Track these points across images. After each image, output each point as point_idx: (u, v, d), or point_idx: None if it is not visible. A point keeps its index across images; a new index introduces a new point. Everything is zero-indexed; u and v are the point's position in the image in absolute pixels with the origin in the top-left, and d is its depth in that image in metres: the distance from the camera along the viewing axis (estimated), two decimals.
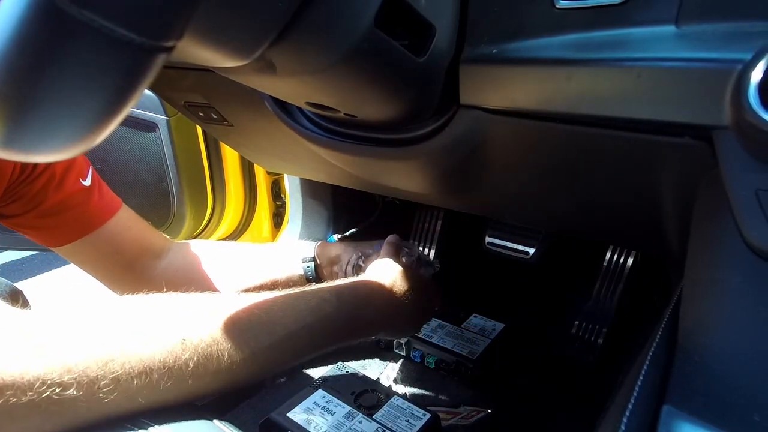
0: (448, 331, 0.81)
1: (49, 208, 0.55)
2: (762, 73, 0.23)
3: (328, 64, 0.32)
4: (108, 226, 0.61)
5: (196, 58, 0.31)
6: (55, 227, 0.58)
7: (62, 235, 0.59)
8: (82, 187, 0.58)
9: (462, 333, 0.80)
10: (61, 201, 0.56)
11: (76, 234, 0.59)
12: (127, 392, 0.31)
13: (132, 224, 0.64)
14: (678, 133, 0.30)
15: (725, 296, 0.26)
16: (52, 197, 0.55)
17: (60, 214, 0.57)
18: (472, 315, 0.85)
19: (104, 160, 0.87)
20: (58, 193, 0.56)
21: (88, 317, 0.33)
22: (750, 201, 0.25)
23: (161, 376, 0.32)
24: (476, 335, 0.80)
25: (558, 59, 0.32)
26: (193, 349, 0.34)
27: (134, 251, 0.64)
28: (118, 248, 0.62)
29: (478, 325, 0.83)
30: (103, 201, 0.61)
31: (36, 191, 0.54)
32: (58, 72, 0.17)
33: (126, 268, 0.64)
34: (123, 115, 0.20)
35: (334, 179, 0.73)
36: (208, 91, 0.60)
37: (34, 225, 0.57)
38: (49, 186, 0.55)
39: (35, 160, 0.21)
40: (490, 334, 0.80)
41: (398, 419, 0.63)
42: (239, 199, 1.04)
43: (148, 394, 0.32)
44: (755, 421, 0.22)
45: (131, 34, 0.16)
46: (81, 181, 0.58)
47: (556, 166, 0.41)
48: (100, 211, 0.60)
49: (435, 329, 0.81)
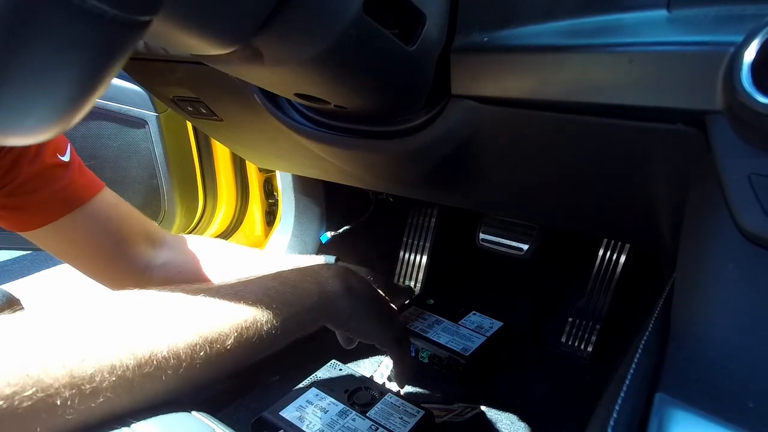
0: (444, 327, 0.81)
1: (23, 183, 0.50)
2: (755, 53, 0.23)
3: (316, 52, 0.32)
4: (93, 203, 0.55)
5: (180, 44, 0.30)
6: (32, 206, 0.51)
7: (40, 215, 0.52)
8: (60, 162, 0.52)
9: (458, 330, 0.80)
10: (37, 175, 0.50)
11: (55, 213, 0.52)
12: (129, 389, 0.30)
13: (120, 204, 0.59)
14: (670, 119, 0.30)
15: (718, 283, 0.25)
16: (26, 171, 0.50)
17: (37, 191, 0.51)
18: (471, 312, 0.85)
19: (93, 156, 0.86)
20: (33, 167, 0.50)
21: (88, 316, 0.32)
22: (743, 186, 0.25)
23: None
24: (472, 332, 0.80)
25: (549, 46, 0.32)
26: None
27: (124, 234, 0.58)
28: (106, 229, 0.56)
29: (476, 323, 0.82)
30: (85, 178, 0.55)
31: (8, 166, 0.49)
32: (27, 47, 0.16)
33: (114, 252, 0.58)
34: (98, 94, 0.19)
35: (325, 175, 0.72)
36: (196, 85, 0.59)
37: (6, 205, 0.51)
38: (21, 160, 0.49)
39: (7, 143, 0.20)
40: (487, 332, 0.80)
41: (392, 417, 0.62)
42: (231, 196, 1.04)
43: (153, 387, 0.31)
44: (749, 408, 0.21)
45: (103, 5, 0.16)
46: (59, 156, 0.52)
47: (548, 156, 0.41)
48: (82, 188, 0.54)
49: (432, 324, 0.81)
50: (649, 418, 0.21)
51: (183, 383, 0.34)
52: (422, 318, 0.82)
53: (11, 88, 0.17)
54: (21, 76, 0.17)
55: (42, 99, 0.18)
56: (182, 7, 0.23)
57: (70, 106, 0.19)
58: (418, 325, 0.80)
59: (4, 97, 0.18)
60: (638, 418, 0.22)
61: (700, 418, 0.21)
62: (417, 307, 0.85)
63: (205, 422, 0.33)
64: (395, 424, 0.61)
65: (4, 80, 0.17)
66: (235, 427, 0.35)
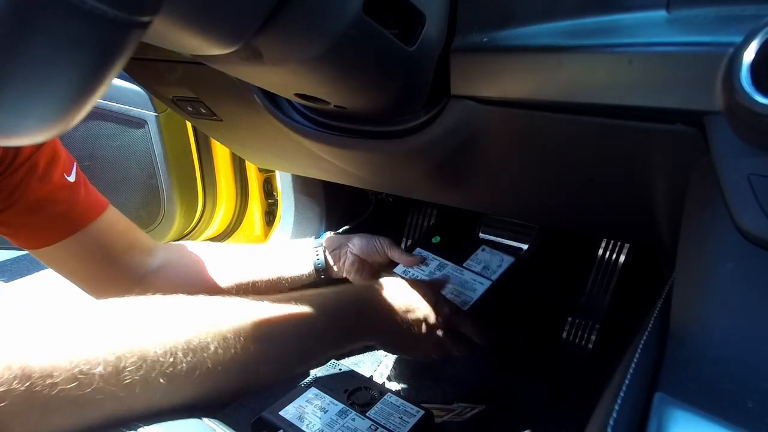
0: (447, 273, 0.72)
1: (32, 203, 0.52)
2: (754, 53, 0.23)
3: (316, 52, 0.32)
4: (97, 223, 0.57)
5: (180, 44, 0.30)
6: (39, 226, 0.54)
7: (47, 235, 0.55)
8: (67, 183, 0.55)
9: (462, 274, 0.71)
10: (46, 196, 0.53)
11: (62, 233, 0.55)
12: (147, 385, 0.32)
13: (120, 220, 0.61)
14: (670, 119, 0.30)
15: (717, 282, 0.25)
16: (35, 191, 0.52)
17: (44, 210, 0.53)
18: (480, 248, 0.74)
19: (93, 156, 0.86)
20: (42, 187, 0.52)
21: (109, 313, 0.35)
22: (742, 186, 0.25)
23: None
24: (477, 276, 0.70)
25: (549, 46, 0.32)
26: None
27: (122, 247, 0.60)
28: (106, 246, 0.59)
29: (483, 262, 0.72)
30: (90, 199, 0.58)
31: (16, 183, 0.50)
32: (27, 46, 0.16)
33: (113, 267, 0.60)
34: (99, 95, 0.19)
35: (325, 175, 0.72)
36: (196, 84, 0.59)
37: (16, 223, 0.53)
38: (30, 178, 0.51)
39: (7, 143, 0.20)
40: (493, 274, 0.70)
41: (392, 416, 0.62)
42: (230, 196, 1.04)
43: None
44: (748, 407, 0.21)
45: (103, 6, 0.16)
46: (66, 176, 0.55)
47: (548, 156, 0.41)
48: (88, 209, 0.57)
49: (433, 272, 0.73)
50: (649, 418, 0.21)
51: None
52: (423, 266, 0.73)
53: (12, 88, 0.17)
54: (22, 77, 0.17)
55: (43, 99, 0.18)
56: (182, 7, 0.23)
57: (71, 106, 0.19)
58: (417, 274, 0.72)
59: (5, 97, 0.18)
60: (638, 418, 0.22)
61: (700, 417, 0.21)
62: (421, 248, 0.76)
63: (208, 424, 0.33)
64: (395, 423, 0.61)
65: (5, 80, 0.17)
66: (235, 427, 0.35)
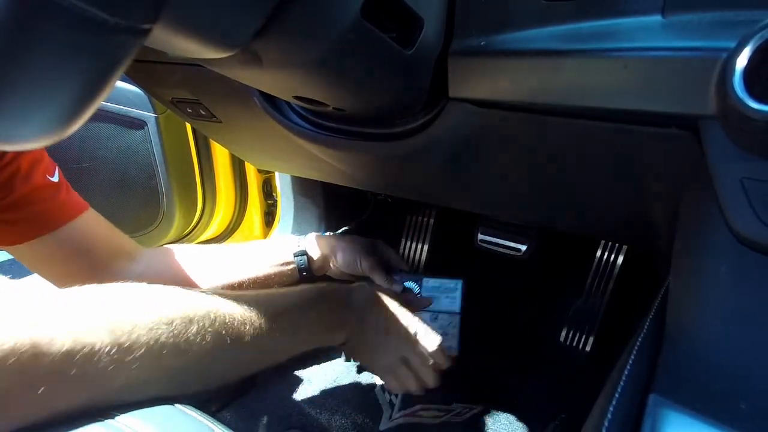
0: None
1: (14, 200, 0.53)
2: (747, 60, 0.23)
3: (314, 56, 0.32)
4: (76, 223, 0.57)
5: (180, 48, 0.30)
6: (18, 221, 0.54)
7: (26, 230, 0.55)
8: (49, 182, 0.56)
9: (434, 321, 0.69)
10: (28, 194, 0.53)
11: (38, 229, 0.55)
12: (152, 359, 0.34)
13: (101, 223, 0.61)
14: (664, 123, 0.30)
15: (711, 285, 0.26)
16: (18, 189, 0.53)
17: (25, 207, 0.54)
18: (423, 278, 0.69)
19: (92, 158, 0.86)
20: (25, 186, 0.53)
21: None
22: (735, 189, 0.25)
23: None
24: (445, 315, 0.68)
25: (546, 50, 0.32)
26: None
27: (105, 252, 0.61)
28: (86, 248, 0.59)
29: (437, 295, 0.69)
30: (71, 199, 0.58)
31: (1, 183, 0.51)
32: (28, 54, 0.16)
33: (93, 270, 0.60)
34: (99, 101, 0.19)
35: (324, 176, 0.72)
36: (195, 86, 0.59)
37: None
38: (15, 178, 0.52)
39: (11, 148, 0.20)
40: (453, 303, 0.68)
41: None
42: (230, 197, 1.04)
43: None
44: (741, 409, 0.22)
45: (103, 14, 0.16)
46: (48, 176, 0.56)
47: (544, 159, 0.41)
48: (68, 208, 0.57)
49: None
50: (643, 419, 0.21)
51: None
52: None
53: (13, 95, 0.18)
54: (23, 84, 0.17)
55: (44, 105, 0.18)
56: (181, 14, 0.23)
57: (72, 112, 0.19)
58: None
59: (6, 104, 0.18)
60: (632, 419, 0.22)
61: (693, 419, 0.21)
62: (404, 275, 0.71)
63: (192, 415, 0.33)
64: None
65: (6, 87, 0.17)
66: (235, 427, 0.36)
